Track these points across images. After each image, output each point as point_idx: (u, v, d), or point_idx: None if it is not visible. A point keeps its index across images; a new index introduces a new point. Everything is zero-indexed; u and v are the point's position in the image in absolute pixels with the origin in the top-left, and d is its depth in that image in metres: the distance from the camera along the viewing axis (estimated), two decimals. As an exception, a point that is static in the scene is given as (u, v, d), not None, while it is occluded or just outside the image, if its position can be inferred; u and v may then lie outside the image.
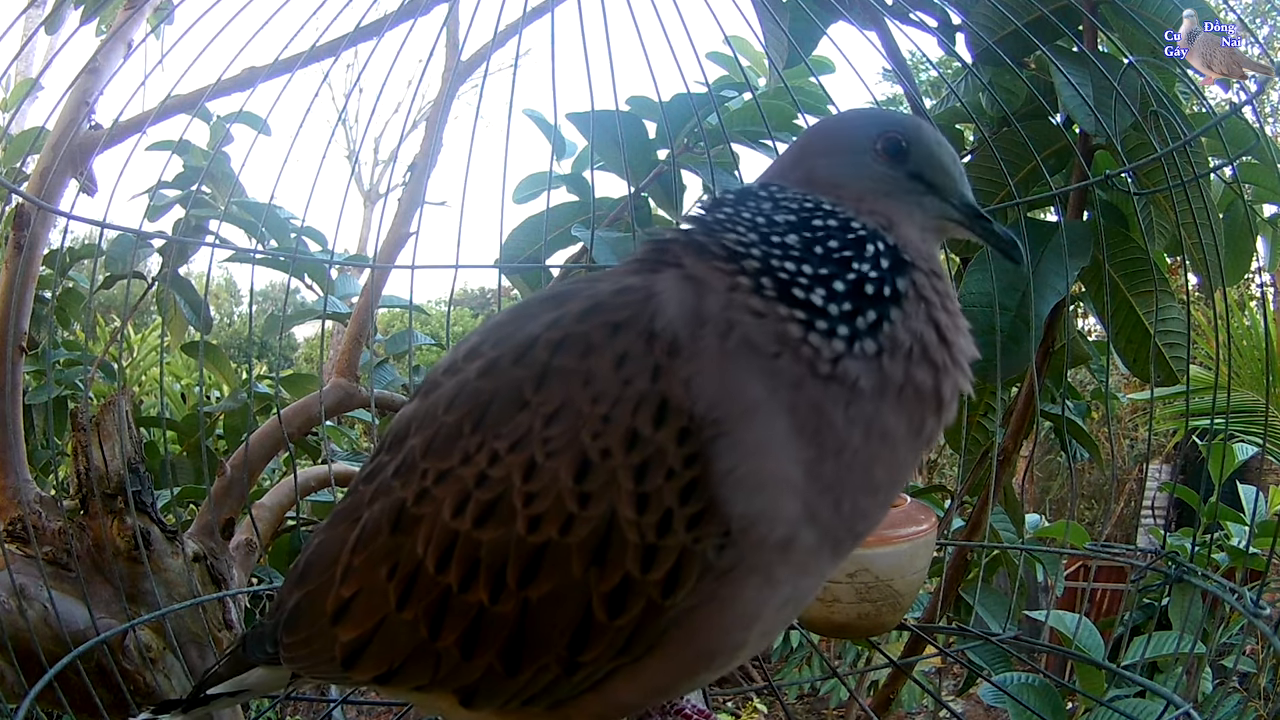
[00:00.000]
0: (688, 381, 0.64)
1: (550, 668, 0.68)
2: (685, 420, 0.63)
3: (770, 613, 0.71)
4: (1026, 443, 2.12)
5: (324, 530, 0.82)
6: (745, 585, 0.66)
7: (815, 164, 0.79)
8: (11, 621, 1.55)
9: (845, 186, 0.77)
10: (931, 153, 0.79)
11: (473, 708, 0.74)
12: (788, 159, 0.83)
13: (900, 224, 0.76)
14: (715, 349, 0.65)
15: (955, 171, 0.80)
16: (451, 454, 0.70)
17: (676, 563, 0.64)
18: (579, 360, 0.66)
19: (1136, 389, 4.27)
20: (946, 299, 0.74)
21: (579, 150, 2.30)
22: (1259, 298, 3.84)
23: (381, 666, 0.75)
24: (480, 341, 0.74)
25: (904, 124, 0.79)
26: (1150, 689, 1.40)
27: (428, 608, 0.70)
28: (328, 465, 2.25)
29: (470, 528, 0.68)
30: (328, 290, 2.34)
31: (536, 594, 0.66)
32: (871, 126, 0.79)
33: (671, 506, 0.63)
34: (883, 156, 0.78)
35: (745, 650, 0.74)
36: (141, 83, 1.80)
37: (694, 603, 0.66)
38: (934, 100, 2.42)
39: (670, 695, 0.85)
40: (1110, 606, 4.07)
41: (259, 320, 2.90)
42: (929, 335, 0.71)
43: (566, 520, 0.65)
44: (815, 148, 0.81)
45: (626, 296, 0.69)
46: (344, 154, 10.75)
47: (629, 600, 0.65)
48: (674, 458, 0.63)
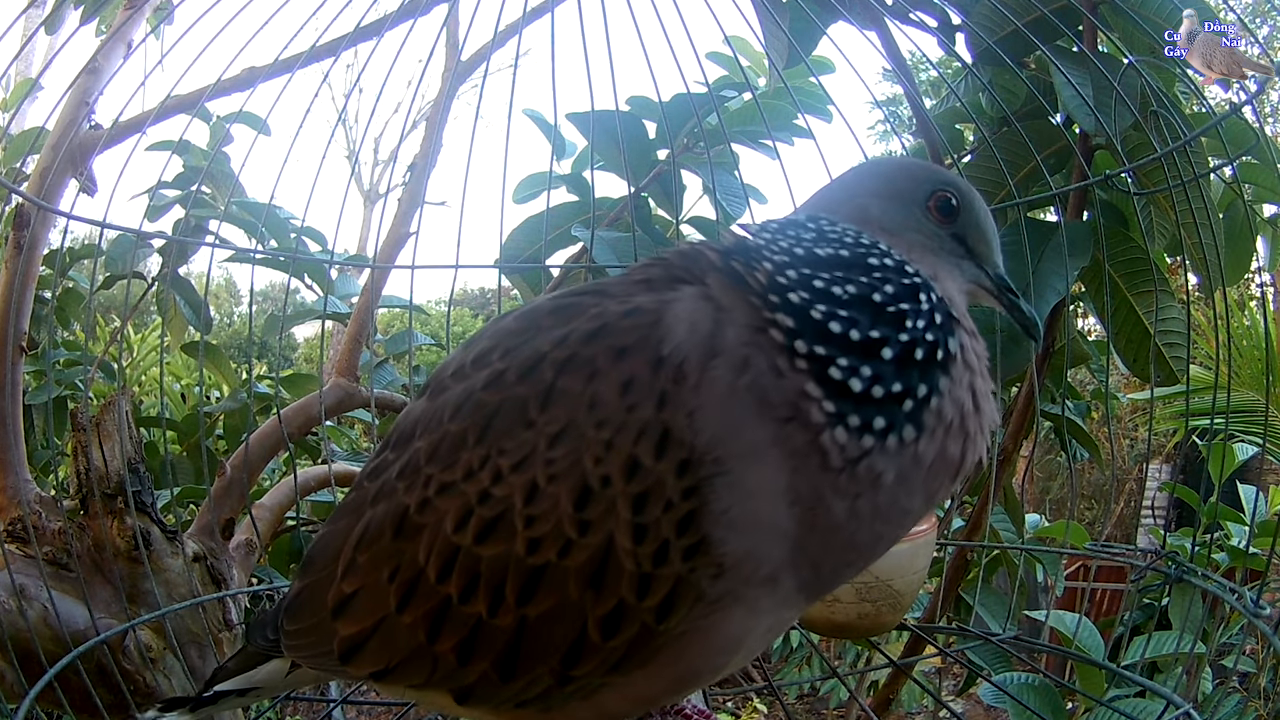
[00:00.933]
0: (692, 413, 0.63)
1: (543, 678, 0.69)
2: (686, 453, 0.63)
3: (754, 639, 0.72)
4: (1026, 443, 2.12)
5: (329, 523, 0.83)
6: (732, 613, 0.67)
7: (869, 204, 0.78)
8: (11, 621, 1.55)
9: (897, 235, 0.77)
10: (978, 219, 0.80)
11: (467, 706, 0.75)
12: (835, 194, 0.82)
13: (943, 280, 0.76)
14: (725, 384, 0.64)
15: (994, 243, 0.82)
16: (455, 464, 0.70)
17: (671, 590, 0.64)
18: (585, 383, 0.66)
19: (1136, 389, 4.27)
20: (982, 361, 0.74)
21: (579, 150, 2.30)
22: (1259, 298, 3.84)
23: (379, 664, 0.76)
24: (489, 349, 0.74)
25: (958, 186, 0.80)
26: (1150, 689, 1.40)
27: (427, 614, 0.71)
28: (328, 465, 2.25)
29: (471, 543, 0.68)
30: (328, 290, 2.34)
31: (534, 611, 0.67)
32: (927, 181, 0.80)
33: (668, 538, 0.63)
34: (934, 213, 0.78)
35: (728, 669, 0.75)
36: (141, 83, 1.80)
37: (684, 628, 0.66)
38: (934, 100, 2.42)
39: (656, 706, 0.86)
40: (1110, 606, 4.07)
41: (259, 320, 2.89)
42: (969, 404, 0.70)
43: (565, 545, 0.65)
44: (868, 188, 0.81)
45: (635, 319, 0.67)
46: (344, 154, 10.78)
47: (623, 624, 0.66)
48: (673, 490, 0.63)
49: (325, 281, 2.39)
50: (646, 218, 2.18)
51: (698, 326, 0.65)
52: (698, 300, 0.68)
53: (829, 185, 0.84)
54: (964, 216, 0.79)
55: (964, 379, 0.70)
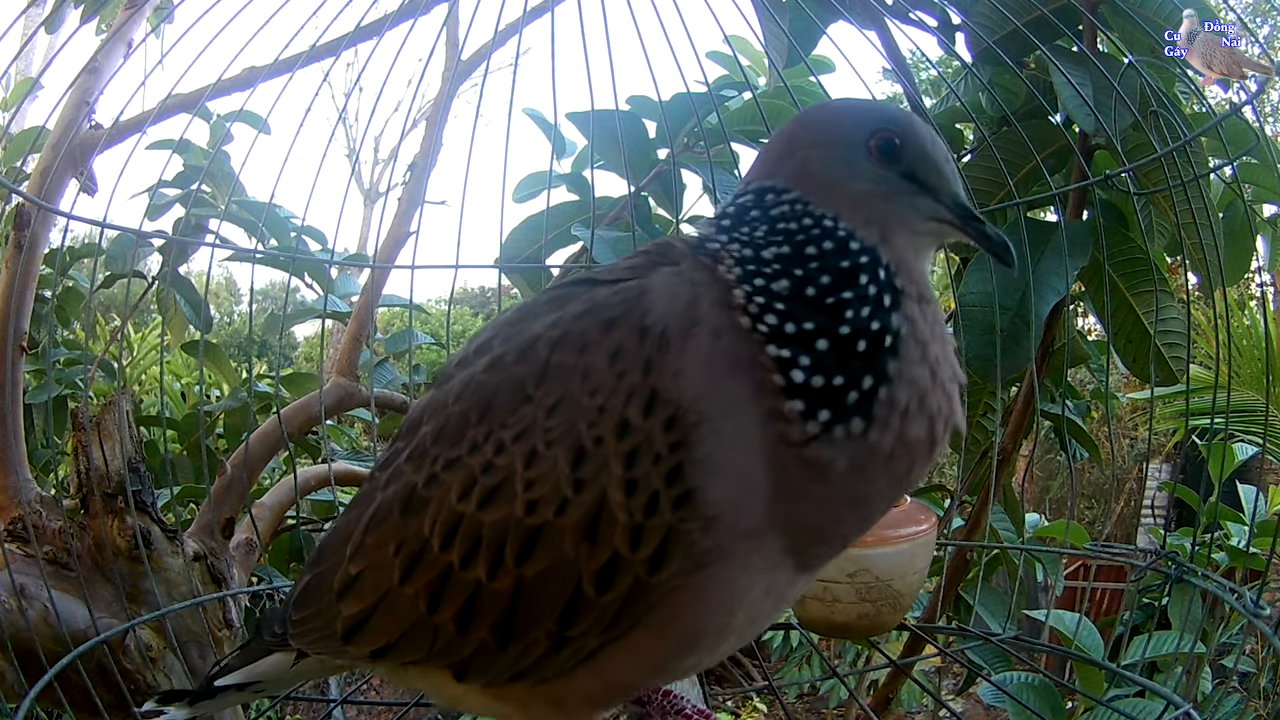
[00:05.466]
0: (676, 374, 0.66)
1: (539, 642, 0.71)
2: (672, 410, 0.66)
3: (753, 599, 0.72)
4: (1026, 442, 2.12)
5: (343, 514, 0.86)
6: (724, 569, 0.69)
7: (809, 157, 0.76)
8: (12, 621, 1.56)
9: (837, 187, 0.74)
10: (925, 152, 0.76)
11: (465, 681, 0.77)
12: (778, 149, 0.80)
13: (894, 234, 0.74)
14: (706, 348, 0.67)
15: (948, 171, 0.78)
16: (460, 442, 0.73)
17: (662, 541, 0.67)
18: (577, 356, 0.69)
19: (1136, 389, 4.27)
20: (936, 326, 0.72)
21: (579, 150, 2.30)
22: (1259, 298, 3.84)
23: (379, 640, 0.78)
24: (491, 337, 0.78)
25: (898, 121, 0.76)
26: (1150, 689, 1.40)
27: (429, 584, 0.74)
28: (328, 464, 2.25)
29: (475, 510, 0.71)
30: (328, 289, 2.34)
31: (531, 571, 0.69)
32: (865, 123, 0.76)
33: (658, 489, 0.66)
34: (876, 156, 0.75)
35: (733, 634, 0.75)
36: (141, 82, 1.80)
37: (678, 582, 0.68)
38: (934, 100, 2.41)
39: (665, 676, 0.85)
40: (1110, 606, 4.07)
41: (259, 319, 2.89)
42: (925, 381, 0.69)
43: (562, 503, 0.68)
44: (806, 139, 0.78)
45: (620, 295, 0.71)
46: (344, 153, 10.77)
47: (617, 577, 0.68)
48: (660, 443, 0.66)
49: (325, 280, 2.39)
50: (646, 217, 2.18)
51: (677, 299, 0.69)
52: (674, 277, 0.72)
53: (775, 136, 0.82)
54: (909, 153, 0.75)
55: (915, 355, 0.69)
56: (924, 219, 0.76)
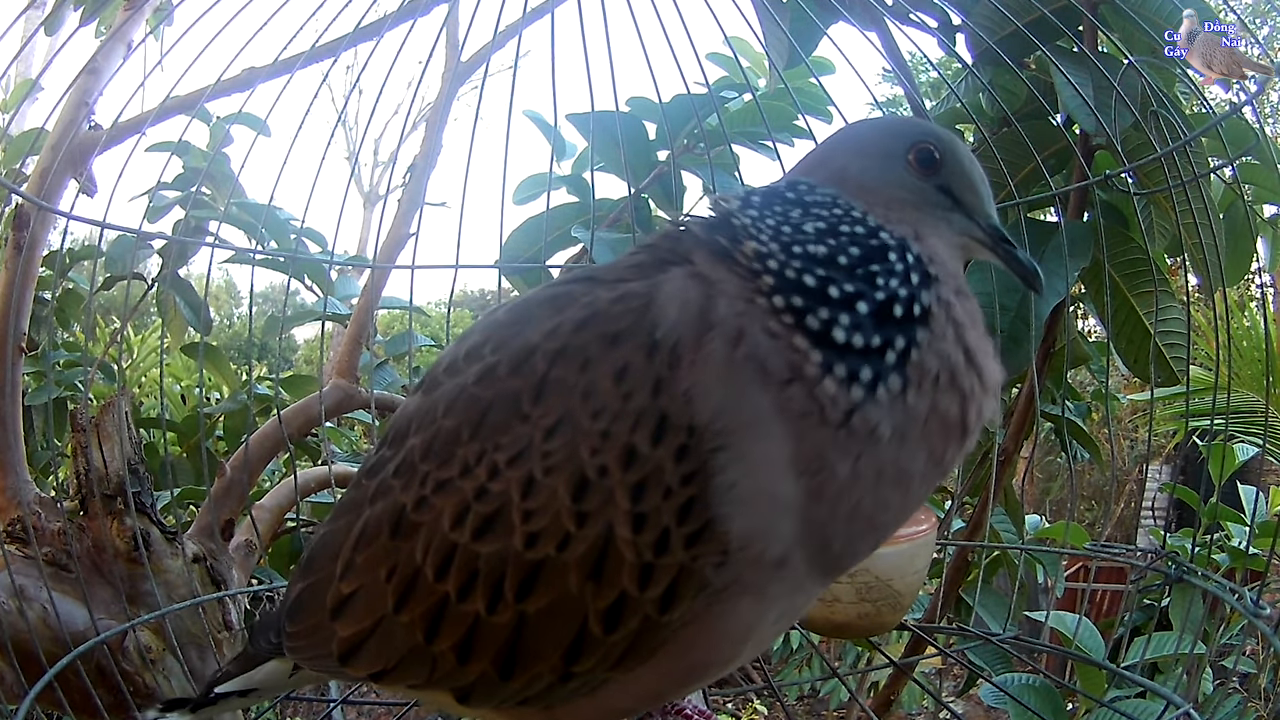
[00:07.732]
0: (689, 392, 0.62)
1: (544, 676, 0.69)
2: (684, 437, 0.62)
3: (764, 628, 0.70)
4: (1027, 443, 2.12)
5: (329, 521, 0.83)
6: (740, 602, 0.66)
7: (847, 163, 0.77)
8: (11, 622, 1.55)
9: (874, 191, 0.75)
10: (963, 169, 0.77)
11: (468, 705, 0.75)
12: (815, 157, 0.81)
13: (927, 236, 0.74)
14: (722, 357, 0.63)
15: (983, 191, 0.79)
16: (451, 461, 0.69)
17: (674, 580, 0.63)
18: (578, 373, 0.65)
19: (1136, 389, 4.27)
20: (975, 317, 0.72)
21: (579, 151, 2.30)
22: (1259, 298, 3.84)
23: (377, 665, 0.75)
24: (481, 343, 0.73)
25: (939, 136, 0.78)
26: (1151, 689, 1.40)
27: (425, 613, 0.70)
28: (327, 466, 2.25)
29: (469, 540, 0.67)
30: (327, 291, 2.34)
31: (533, 607, 0.66)
32: (906, 135, 0.77)
33: (669, 525, 0.62)
34: (914, 166, 0.76)
35: (738, 660, 0.74)
36: (141, 83, 1.80)
37: (690, 619, 0.65)
38: (934, 101, 2.42)
39: (663, 702, 0.85)
40: (1110, 607, 4.07)
41: (259, 321, 2.89)
42: (957, 358, 0.68)
43: (564, 538, 0.64)
44: (846, 147, 0.79)
45: (626, 304, 0.66)
46: (344, 155, 10.76)
47: (625, 616, 0.65)
48: (671, 476, 0.62)
49: (325, 282, 2.39)
50: (647, 219, 2.18)
51: (689, 304, 0.65)
52: (686, 279, 0.68)
53: (813, 150, 0.83)
54: (947, 167, 0.76)
55: (949, 334, 0.69)
56: (956, 234, 0.77)
